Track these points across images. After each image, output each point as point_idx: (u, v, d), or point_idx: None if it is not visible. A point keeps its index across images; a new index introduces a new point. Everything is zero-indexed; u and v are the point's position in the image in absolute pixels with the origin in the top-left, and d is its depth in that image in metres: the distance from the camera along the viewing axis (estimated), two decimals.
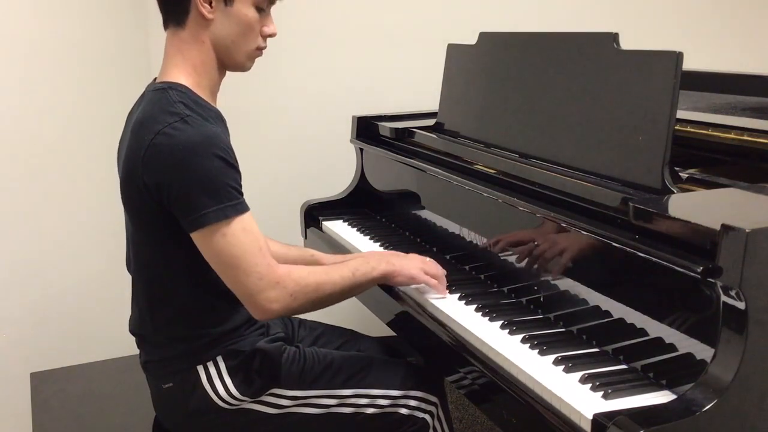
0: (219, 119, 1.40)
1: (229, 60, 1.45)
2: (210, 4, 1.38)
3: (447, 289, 1.58)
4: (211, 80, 1.44)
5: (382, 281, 1.54)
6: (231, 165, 1.32)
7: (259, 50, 1.47)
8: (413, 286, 1.60)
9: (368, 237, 2.02)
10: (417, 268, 1.55)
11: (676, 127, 1.35)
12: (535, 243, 1.49)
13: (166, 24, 1.43)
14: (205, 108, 1.37)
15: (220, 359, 1.43)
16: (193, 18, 1.39)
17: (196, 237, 1.31)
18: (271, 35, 1.47)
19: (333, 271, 1.44)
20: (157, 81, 1.43)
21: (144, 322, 1.46)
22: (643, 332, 1.23)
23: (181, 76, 1.40)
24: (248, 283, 1.32)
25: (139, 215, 1.39)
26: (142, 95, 1.46)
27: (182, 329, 1.43)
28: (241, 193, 1.34)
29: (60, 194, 2.34)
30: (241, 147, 1.42)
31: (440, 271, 1.58)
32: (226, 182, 1.30)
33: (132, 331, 1.51)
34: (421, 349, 1.66)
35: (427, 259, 1.60)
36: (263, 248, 1.33)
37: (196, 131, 1.30)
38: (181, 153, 1.28)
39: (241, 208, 1.32)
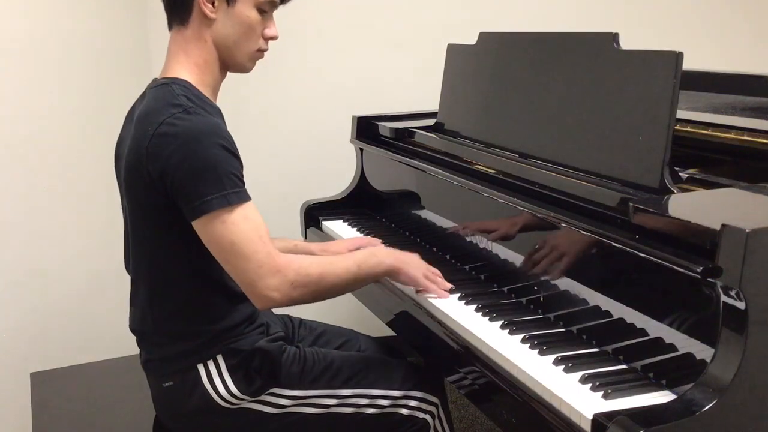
0: (219, 115, 1.41)
1: (231, 60, 1.46)
2: (212, 3, 1.40)
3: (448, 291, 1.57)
4: (213, 79, 1.46)
5: (387, 276, 1.54)
6: (233, 154, 1.34)
7: (260, 52, 1.49)
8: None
9: (368, 237, 2.02)
10: (421, 271, 1.56)
11: (676, 127, 1.35)
12: (535, 243, 1.49)
13: (171, 23, 1.46)
14: (206, 103, 1.38)
15: (220, 358, 1.43)
16: (196, 17, 1.41)
17: (198, 225, 1.32)
18: (272, 38, 1.49)
19: (337, 263, 1.44)
20: (159, 78, 1.44)
21: (144, 319, 1.46)
22: (643, 332, 1.23)
23: (184, 72, 1.42)
24: (248, 270, 1.32)
25: (142, 208, 1.40)
26: (143, 93, 1.47)
27: (182, 326, 1.43)
28: (243, 183, 1.35)
29: (60, 194, 2.33)
30: (241, 147, 1.42)
31: (439, 280, 1.58)
32: (229, 170, 1.31)
33: (132, 328, 1.51)
34: (421, 349, 1.66)
35: (429, 267, 1.60)
36: (264, 236, 1.34)
37: (200, 121, 1.32)
38: (184, 141, 1.29)
39: (244, 196, 1.33)
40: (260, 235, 1.33)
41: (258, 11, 1.43)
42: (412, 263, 1.56)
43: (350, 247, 1.84)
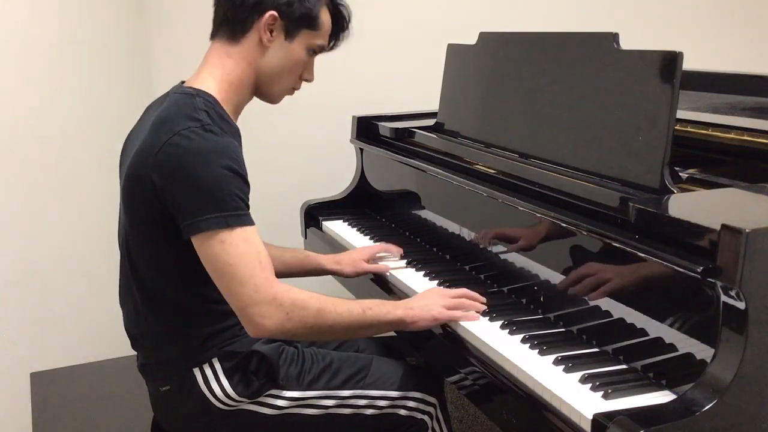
0: (236, 136, 1.41)
1: (267, 89, 1.50)
2: (271, 33, 1.43)
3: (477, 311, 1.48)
4: (240, 99, 1.47)
5: (401, 327, 1.46)
6: (241, 177, 1.32)
7: (293, 90, 1.54)
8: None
9: (368, 237, 2.02)
10: (438, 306, 1.46)
11: (676, 127, 1.35)
12: (535, 243, 1.49)
13: (215, 35, 1.47)
14: (226, 122, 1.37)
15: (216, 361, 1.42)
16: (249, 39, 1.43)
17: (196, 242, 1.31)
18: (308, 80, 1.55)
19: (341, 303, 1.39)
20: (186, 85, 1.44)
21: (138, 320, 1.46)
22: (643, 332, 1.23)
23: (214, 86, 1.42)
24: (242, 294, 1.29)
25: (138, 211, 1.39)
26: (166, 94, 1.46)
27: (174, 328, 1.43)
28: (248, 207, 1.33)
29: (60, 194, 2.33)
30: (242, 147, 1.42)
31: (464, 299, 1.49)
32: (234, 193, 1.30)
33: (126, 327, 1.51)
34: (420, 350, 1.66)
35: (450, 290, 1.52)
36: (263, 262, 1.31)
37: (213, 139, 1.31)
38: (193, 158, 1.29)
39: (246, 220, 1.31)
40: (260, 260, 1.30)
41: (307, 52, 1.48)
42: (424, 304, 1.46)
43: (364, 257, 1.81)
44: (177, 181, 1.29)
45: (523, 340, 1.35)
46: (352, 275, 1.79)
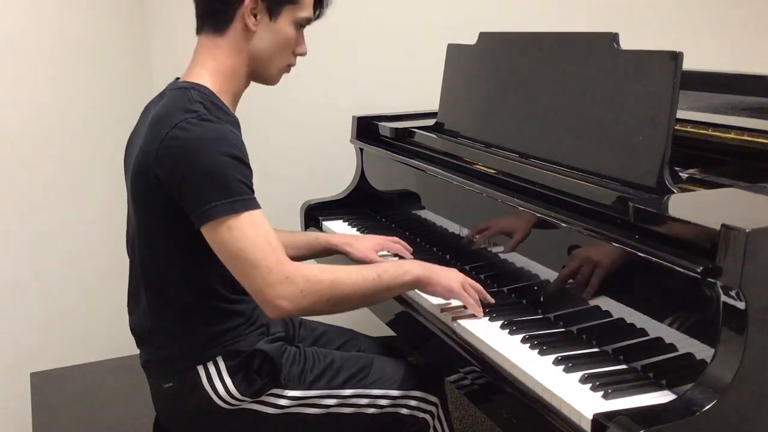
0: (235, 125, 1.41)
1: (262, 72, 1.49)
2: (255, 16, 1.42)
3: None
4: (237, 87, 1.48)
5: (415, 287, 1.47)
6: (243, 162, 1.33)
7: (289, 67, 1.53)
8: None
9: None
10: (457, 281, 1.47)
11: (676, 127, 1.35)
12: (535, 243, 1.49)
13: (201, 29, 1.47)
14: (223, 112, 1.38)
15: (220, 359, 1.43)
16: (235, 28, 1.43)
17: (205, 231, 1.31)
18: (302, 54, 1.53)
19: (354, 271, 1.39)
20: (181, 80, 1.44)
21: (143, 319, 1.46)
22: (643, 332, 1.23)
23: (208, 78, 1.42)
24: (256, 277, 1.30)
25: (145, 209, 1.39)
26: (163, 92, 1.46)
27: (180, 327, 1.43)
28: (253, 191, 1.34)
29: (60, 193, 2.34)
30: None
31: (479, 295, 1.49)
32: (237, 178, 1.31)
33: (132, 327, 1.51)
34: (420, 349, 1.66)
35: (469, 279, 1.51)
36: (273, 243, 1.32)
37: (211, 128, 1.32)
38: (193, 147, 1.29)
39: (252, 204, 1.32)
40: (269, 241, 1.31)
41: (294, 27, 1.47)
42: (445, 274, 1.47)
43: (375, 247, 1.81)
44: (180, 173, 1.30)
45: (523, 340, 1.36)
46: (359, 261, 1.79)
